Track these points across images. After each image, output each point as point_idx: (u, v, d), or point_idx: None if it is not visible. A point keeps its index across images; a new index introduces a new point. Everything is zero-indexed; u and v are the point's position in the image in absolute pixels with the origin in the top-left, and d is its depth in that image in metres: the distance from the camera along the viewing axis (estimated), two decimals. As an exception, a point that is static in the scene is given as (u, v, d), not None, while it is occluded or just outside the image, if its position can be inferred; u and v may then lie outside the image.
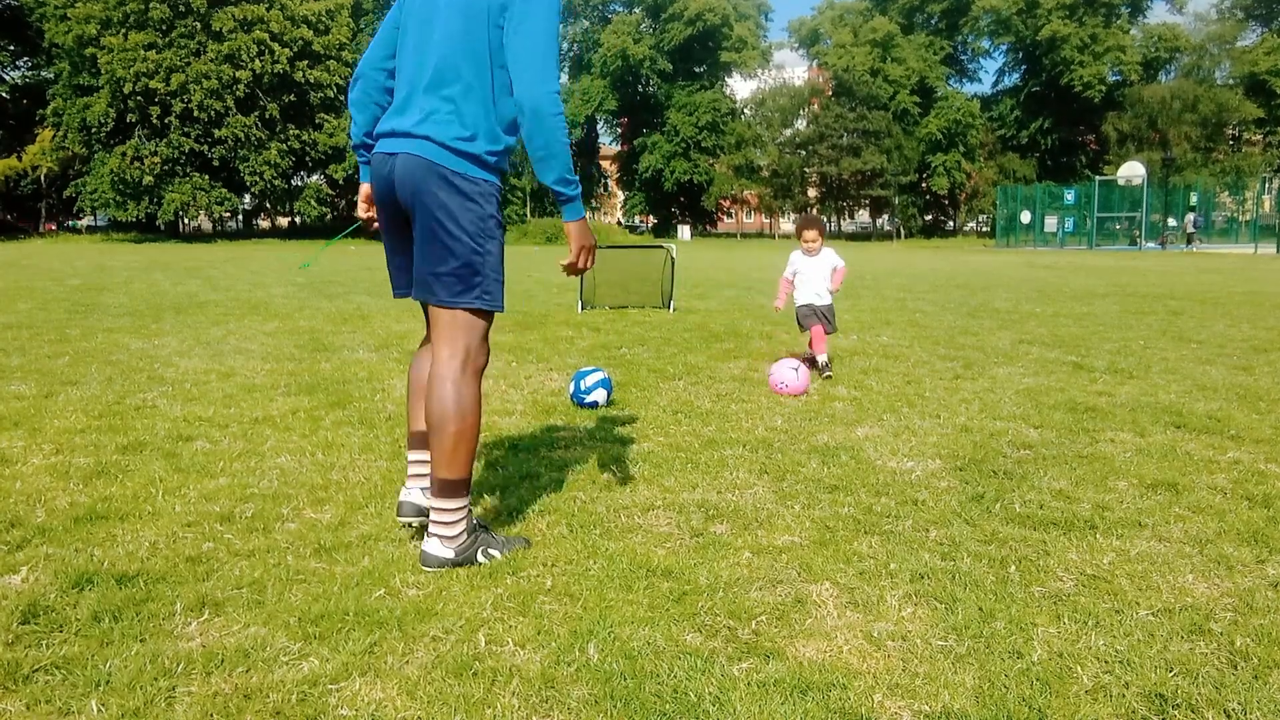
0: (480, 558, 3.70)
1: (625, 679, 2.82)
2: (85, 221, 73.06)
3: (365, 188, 3.99)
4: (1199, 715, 2.66)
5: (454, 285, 3.61)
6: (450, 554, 3.65)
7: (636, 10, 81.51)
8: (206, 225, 72.23)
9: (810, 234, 8.31)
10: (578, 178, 3.68)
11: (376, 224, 3.95)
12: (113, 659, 2.92)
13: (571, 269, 3.75)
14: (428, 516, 3.82)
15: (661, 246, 14.85)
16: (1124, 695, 2.76)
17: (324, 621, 3.20)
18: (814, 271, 8.35)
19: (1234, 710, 2.68)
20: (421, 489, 3.98)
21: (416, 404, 3.96)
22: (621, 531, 4.14)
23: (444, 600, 3.39)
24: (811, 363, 8.14)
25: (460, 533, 3.67)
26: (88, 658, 2.93)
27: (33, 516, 4.23)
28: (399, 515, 4.01)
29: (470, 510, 3.76)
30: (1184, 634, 3.14)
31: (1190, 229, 54.05)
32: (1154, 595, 3.46)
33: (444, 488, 3.68)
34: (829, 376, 7.91)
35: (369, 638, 3.09)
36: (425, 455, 3.92)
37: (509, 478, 4.95)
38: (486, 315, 3.72)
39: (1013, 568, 3.72)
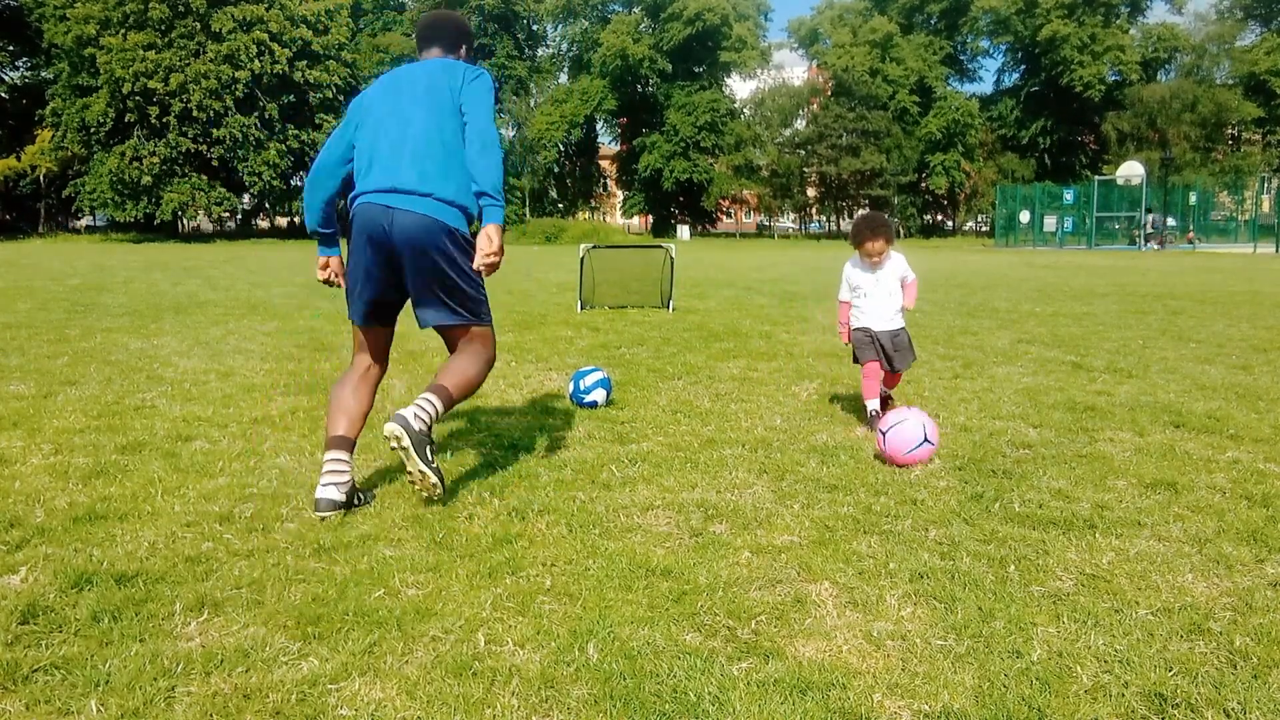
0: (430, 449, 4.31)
1: (625, 679, 2.82)
2: (84, 221, 73.00)
3: (324, 260, 4.97)
4: (1198, 715, 2.66)
5: (474, 308, 4.66)
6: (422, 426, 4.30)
7: (636, 10, 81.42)
8: (206, 225, 72.17)
9: (876, 244, 6.12)
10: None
11: (334, 285, 5.01)
12: (112, 659, 2.92)
13: (490, 269, 4.43)
14: (345, 512, 4.33)
15: (661, 246, 14.85)
16: (1123, 694, 2.76)
17: (323, 621, 3.21)
18: (879, 289, 6.22)
19: (1233, 710, 2.68)
20: (337, 486, 4.32)
21: (337, 414, 4.55)
22: (621, 531, 4.15)
23: (443, 600, 3.40)
24: (884, 402, 6.35)
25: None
26: (87, 658, 2.93)
27: (32, 516, 4.23)
28: (316, 510, 4.28)
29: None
30: (1183, 633, 3.14)
31: (1150, 229, 54.48)
32: (1153, 594, 3.46)
33: (447, 403, 4.46)
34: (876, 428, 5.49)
35: (368, 637, 3.09)
36: (343, 456, 4.41)
37: (508, 478, 4.96)
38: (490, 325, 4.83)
39: (1012, 567, 3.72)
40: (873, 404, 6.10)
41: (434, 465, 4.28)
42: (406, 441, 4.17)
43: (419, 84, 4.55)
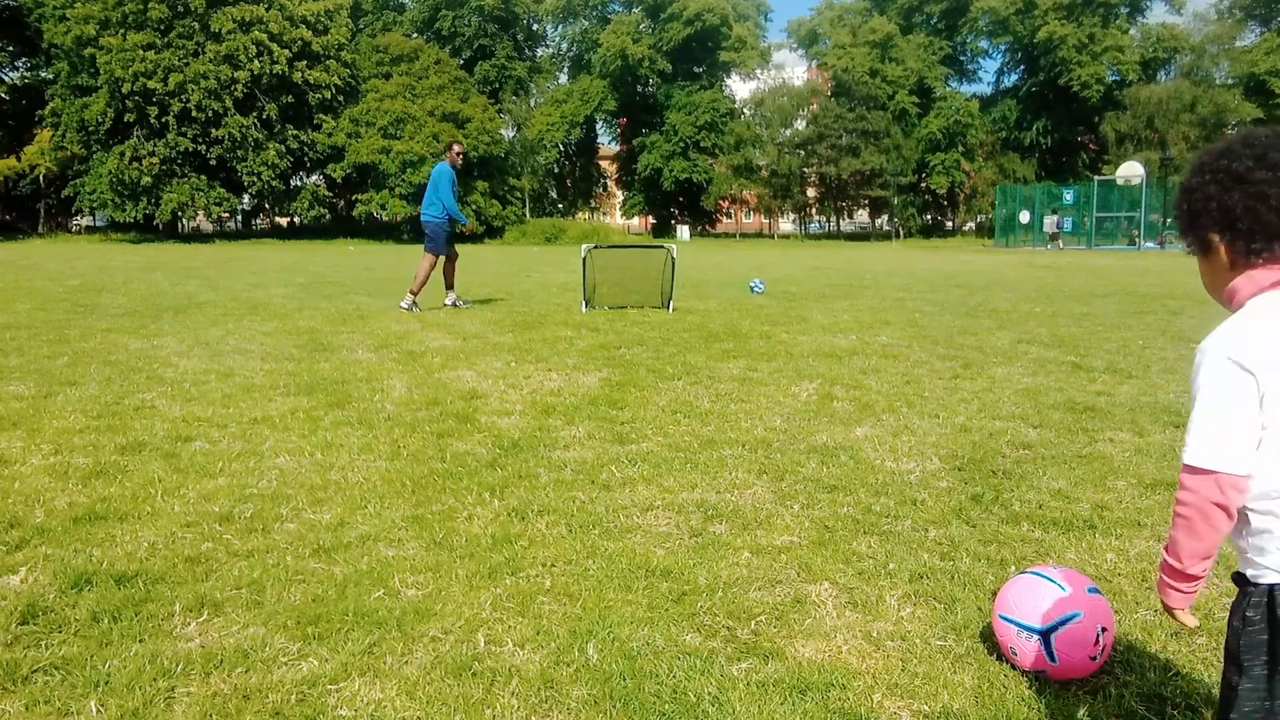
0: None
1: (625, 679, 2.83)
2: (84, 221, 72.97)
3: None
4: (1198, 716, 2.67)
5: None
6: None
7: (635, 10, 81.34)
8: (205, 225, 72.17)
9: None
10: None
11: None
12: (112, 659, 2.93)
13: None
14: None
15: (661, 247, 14.84)
16: (1123, 695, 2.76)
17: (323, 622, 3.21)
18: None
19: None
20: None
21: None
22: (621, 531, 4.15)
23: (443, 600, 3.40)
24: None
25: None
26: (87, 658, 2.94)
27: (31, 517, 4.24)
28: None
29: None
30: (1183, 634, 3.15)
31: (1053, 230, 54.83)
32: (1153, 595, 3.44)
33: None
34: None
35: (368, 638, 3.10)
36: None
37: (508, 478, 4.96)
38: None
39: (1012, 568, 3.71)
40: None
41: None
42: None
43: None
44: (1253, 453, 1.90)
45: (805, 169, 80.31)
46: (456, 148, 14.53)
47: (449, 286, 14.29)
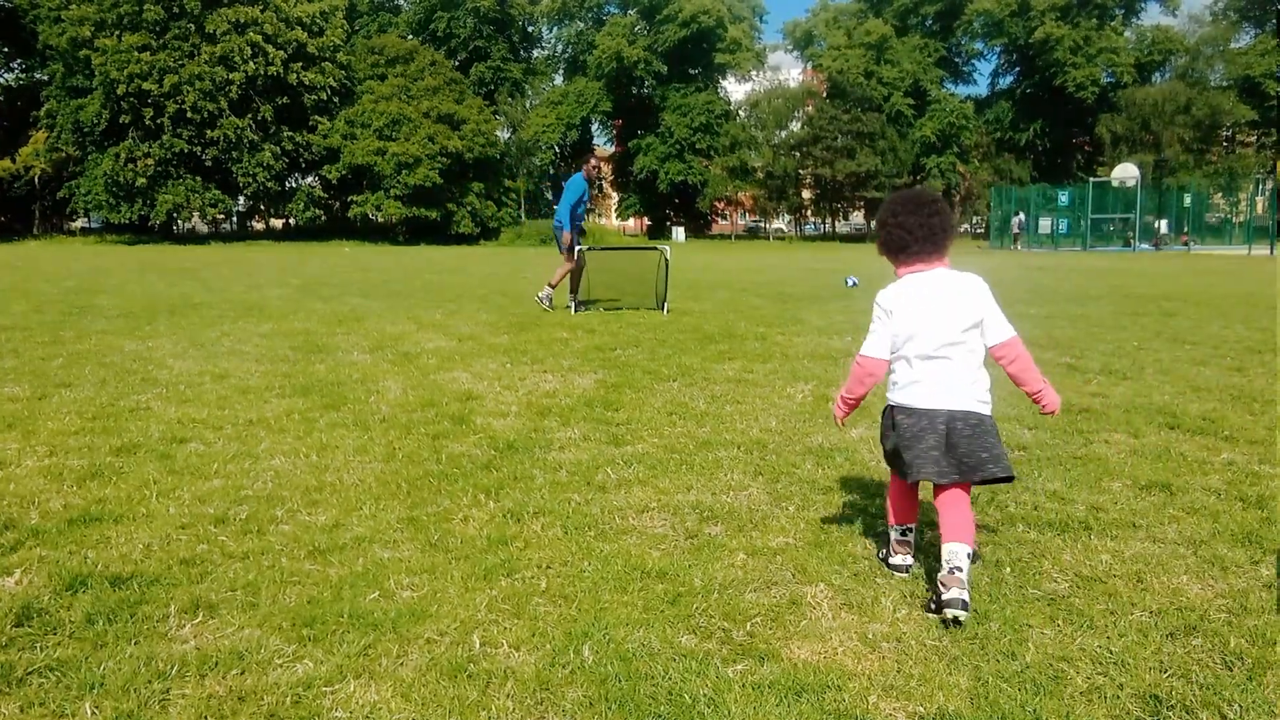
0: None
1: (620, 681, 2.83)
2: (79, 223, 72.92)
3: None
4: (1193, 716, 2.68)
5: None
6: None
7: (631, 12, 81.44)
8: (201, 227, 72.17)
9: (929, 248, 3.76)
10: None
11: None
12: (107, 661, 2.93)
13: None
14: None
15: (656, 248, 14.86)
16: (1118, 696, 2.77)
17: (318, 624, 3.21)
18: (938, 329, 3.68)
19: (1229, 711, 2.69)
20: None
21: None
22: (616, 533, 4.15)
23: (438, 602, 3.40)
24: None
25: None
26: (82, 660, 2.94)
27: (27, 518, 4.23)
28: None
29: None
30: (1178, 635, 3.16)
31: (1016, 230, 55.16)
32: (1148, 596, 3.47)
33: None
34: (962, 603, 3.26)
35: (363, 640, 3.10)
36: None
37: (503, 479, 4.96)
38: None
39: (1007, 569, 3.74)
40: (961, 549, 3.41)
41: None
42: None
43: None
44: (887, 348, 3.71)
45: (800, 171, 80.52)
46: (592, 160, 14.40)
47: (570, 290, 13.96)
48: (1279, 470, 5.18)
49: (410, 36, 75.82)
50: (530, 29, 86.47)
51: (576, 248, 13.82)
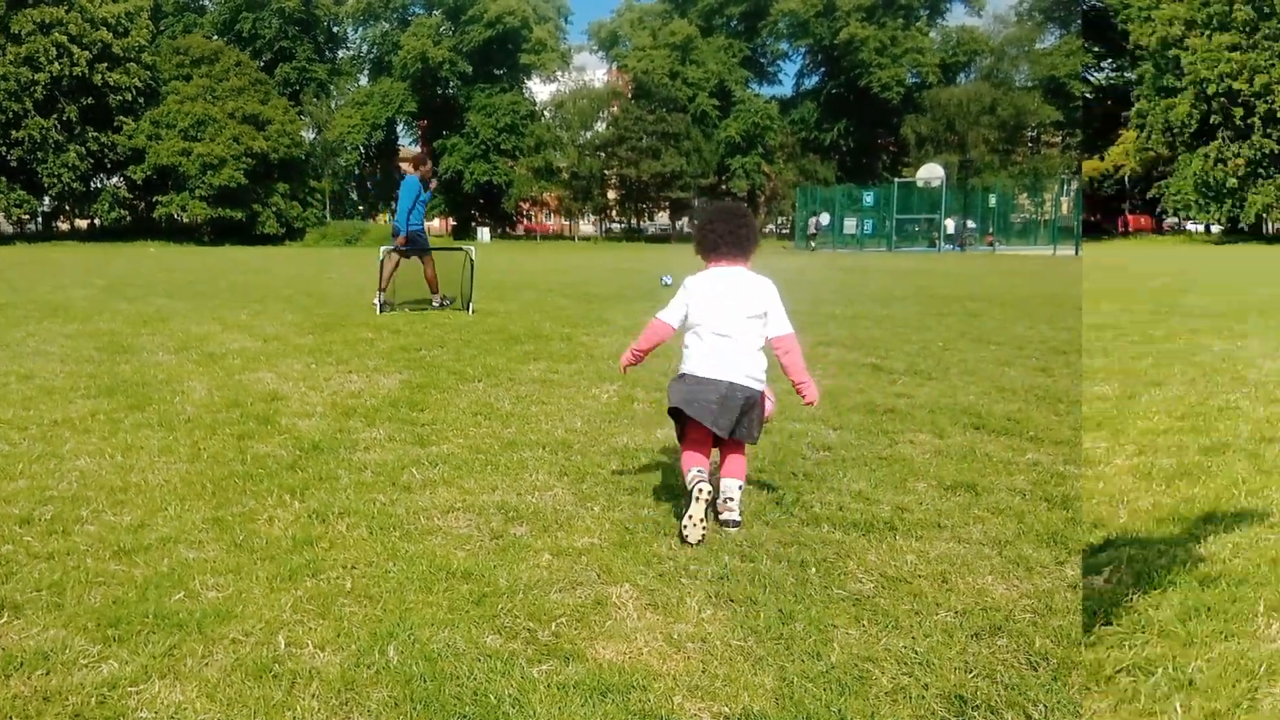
0: None
1: (425, 681, 2.84)
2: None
3: None
4: (999, 716, 2.76)
5: None
6: None
7: (436, 13, 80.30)
8: (5, 227, 68.96)
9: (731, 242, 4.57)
10: None
11: None
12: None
13: None
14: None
15: (460, 248, 14.91)
16: (923, 696, 2.84)
17: (123, 624, 3.17)
18: (728, 312, 4.40)
19: (1034, 711, 2.78)
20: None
21: None
22: (421, 534, 4.15)
23: (243, 603, 3.37)
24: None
25: None
26: None
27: None
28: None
29: None
30: (984, 635, 3.24)
31: (814, 230, 56.42)
32: (954, 597, 3.55)
33: None
34: (734, 522, 4.27)
35: (168, 640, 3.07)
36: None
37: (308, 480, 4.92)
38: None
39: (812, 569, 3.79)
40: (734, 485, 4.40)
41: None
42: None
43: None
44: (678, 319, 4.47)
45: (606, 171, 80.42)
46: (429, 163, 14.44)
47: (379, 288, 13.74)
48: (1083, 471, 5.31)
49: (216, 37, 73.32)
50: (335, 29, 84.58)
51: (383, 248, 13.84)
